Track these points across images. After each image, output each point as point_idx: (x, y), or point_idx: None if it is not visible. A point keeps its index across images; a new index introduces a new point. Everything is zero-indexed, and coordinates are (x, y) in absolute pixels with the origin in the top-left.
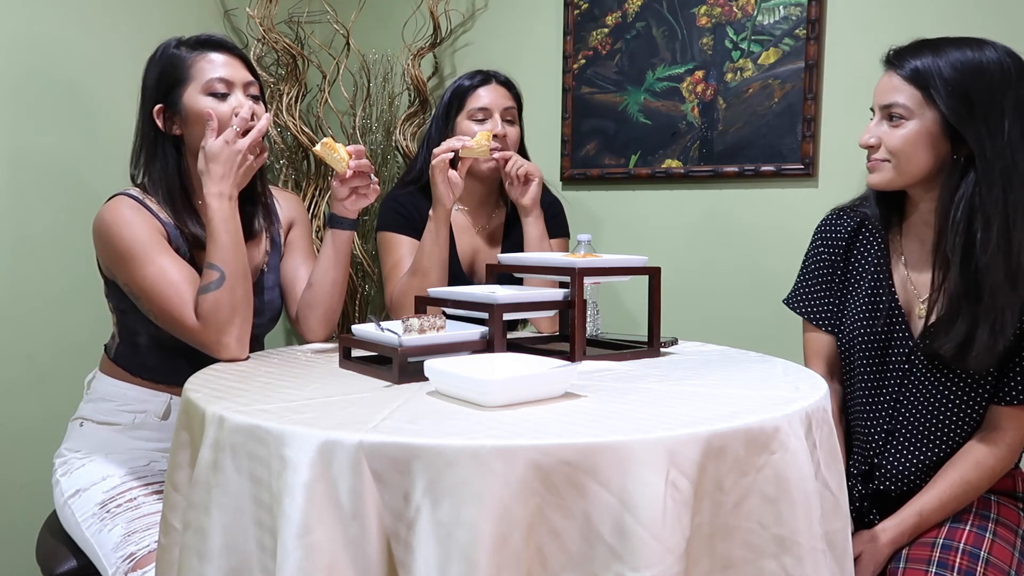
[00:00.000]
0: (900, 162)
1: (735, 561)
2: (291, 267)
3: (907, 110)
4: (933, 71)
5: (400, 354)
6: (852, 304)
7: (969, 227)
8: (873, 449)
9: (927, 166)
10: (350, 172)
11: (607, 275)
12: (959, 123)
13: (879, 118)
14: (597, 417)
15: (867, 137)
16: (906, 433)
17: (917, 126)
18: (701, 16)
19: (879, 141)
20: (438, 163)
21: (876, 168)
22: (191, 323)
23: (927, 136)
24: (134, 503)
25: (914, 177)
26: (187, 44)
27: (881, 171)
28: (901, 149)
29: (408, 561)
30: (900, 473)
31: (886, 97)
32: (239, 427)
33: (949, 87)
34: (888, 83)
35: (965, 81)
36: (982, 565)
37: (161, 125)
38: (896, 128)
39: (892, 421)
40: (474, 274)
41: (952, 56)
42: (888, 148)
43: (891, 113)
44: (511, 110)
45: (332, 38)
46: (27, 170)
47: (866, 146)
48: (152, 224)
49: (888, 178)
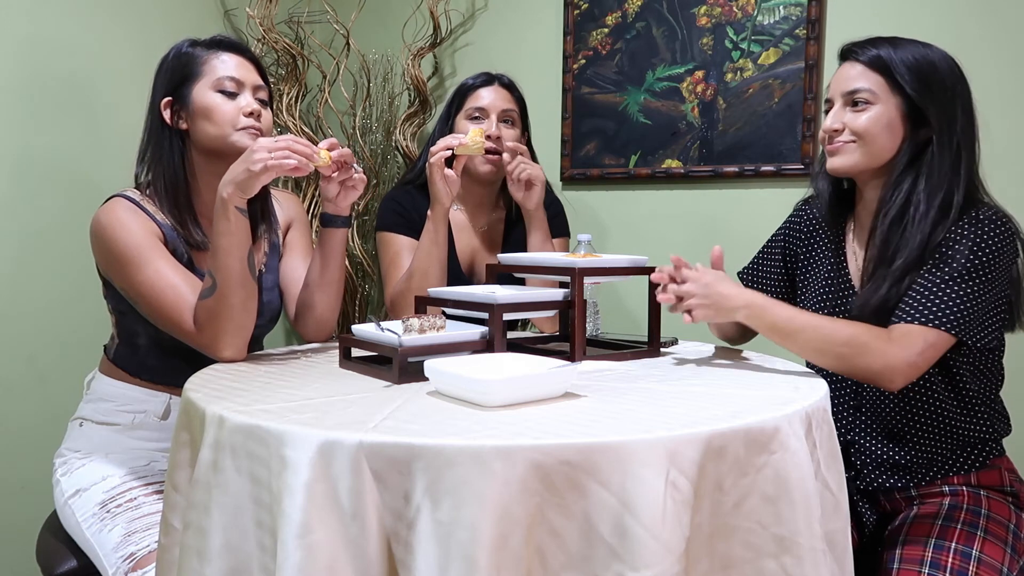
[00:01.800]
0: (867, 143)
1: (735, 561)
2: (290, 267)
3: (872, 94)
4: (895, 59)
5: (400, 354)
6: (811, 288)
7: (908, 200)
8: (844, 427)
9: (891, 148)
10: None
11: (607, 275)
12: (922, 103)
13: (840, 105)
14: (597, 417)
15: (831, 122)
16: (871, 407)
17: (882, 110)
18: (701, 16)
19: (844, 126)
20: (435, 161)
21: (841, 151)
22: (187, 327)
23: (891, 119)
24: (134, 503)
25: (878, 159)
26: (202, 44)
27: (846, 153)
28: (867, 130)
29: (408, 561)
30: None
31: (849, 84)
32: (239, 427)
33: (912, 72)
34: (850, 71)
35: (923, 69)
36: (974, 564)
37: (168, 119)
38: (861, 112)
39: (857, 397)
40: (474, 274)
41: (908, 49)
42: (854, 131)
43: (855, 99)
44: (510, 112)
45: (332, 38)
46: (28, 170)
47: (830, 131)
48: (148, 227)
49: (854, 159)
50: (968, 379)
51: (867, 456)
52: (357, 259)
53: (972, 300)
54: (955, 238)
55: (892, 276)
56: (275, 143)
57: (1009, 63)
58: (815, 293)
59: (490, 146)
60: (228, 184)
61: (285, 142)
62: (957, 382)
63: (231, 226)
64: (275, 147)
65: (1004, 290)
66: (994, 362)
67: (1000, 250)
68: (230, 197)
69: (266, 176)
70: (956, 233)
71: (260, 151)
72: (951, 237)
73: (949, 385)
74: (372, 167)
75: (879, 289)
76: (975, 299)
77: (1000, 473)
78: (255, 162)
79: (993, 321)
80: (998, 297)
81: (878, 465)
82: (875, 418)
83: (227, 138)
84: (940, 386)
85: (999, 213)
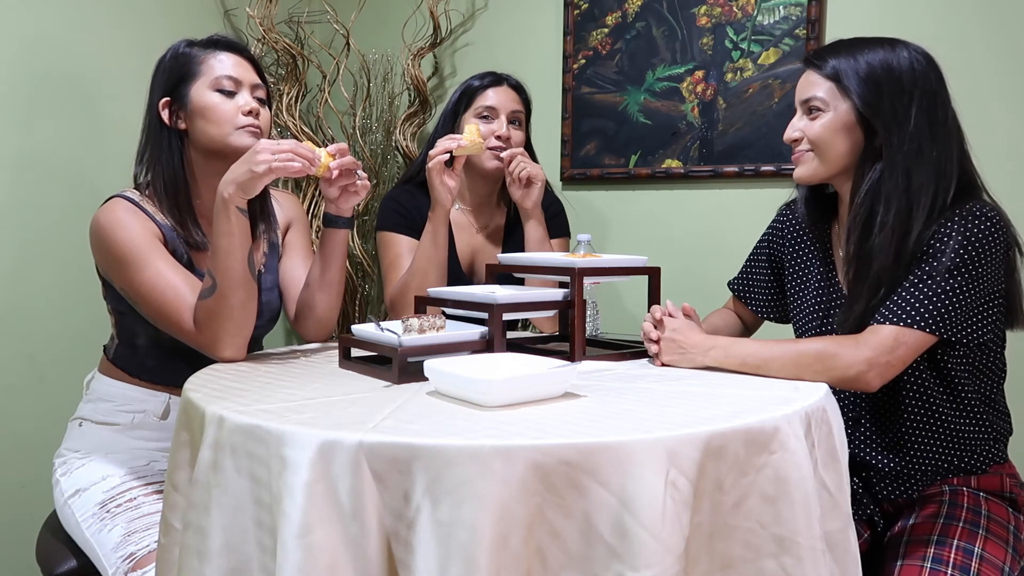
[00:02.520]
0: (821, 151)
1: (734, 561)
2: (290, 268)
3: (824, 102)
4: (847, 65)
5: (400, 354)
6: (803, 299)
7: (871, 210)
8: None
9: (845, 154)
10: (334, 173)
11: (607, 275)
12: (868, 112)
13: (800, 114)
14: (597, 417)
15: (790, 131)
16: (871, 420)
17: (833, 116)
18: (701, 16)
19: (802, 134)
20: (434, 164)
21: (800, 160)
22: (187, 327)
23: (843, 125)
24: (134, 503)
25: (836, 166)
26: (199, 44)
27: (805, 163)
28: (820, 137)
29: (408, 561)
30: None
31: (805, 92)
32: (239, 427)
33: (860, 78)
34: (807, 80)
35: (876, 74)
36: (976, 560)
37: (166, 119)
38: (815, 120)
39: (855, 410)
40: (474, 274)
41: (866, 54)
42: (809, 139)
43: (810, 107)
44: (518, 113)
45: (332, 38)
46: (28, 170)
47: (790, 140)
48: (148, 227)
49: (812, 168)
50: (965, 378)
51: (870, 469)
52: (357, 259)
53: (956, 296)
54: (941, 235)
55: (869, 289)
56: (278, 145)
57: (1009, 63)
58: (808, 305)
59: (499, 145)
60: (229, 184)
61: (289, 144)
62: (952, 381)
63: (231, 226)
64: (279, 149)
65: (997, 284)
66: (992, 358)
67: (988, 244)
68: (231, 197)
69: (269, 177)
70: (942, 229)
71: (263, 152)
72: (938, 234)
73: (945, 386)
74: (372, 167)
75: (857, 302)
76: (960, 295)
77: (1001, 479)
78: (258, 163)
79: (983, 316)
80: (989, 292)
81: (882, 478)
82: (875, 430)
83: (226, 137)
84: (936, 389)
85: (987, 207)
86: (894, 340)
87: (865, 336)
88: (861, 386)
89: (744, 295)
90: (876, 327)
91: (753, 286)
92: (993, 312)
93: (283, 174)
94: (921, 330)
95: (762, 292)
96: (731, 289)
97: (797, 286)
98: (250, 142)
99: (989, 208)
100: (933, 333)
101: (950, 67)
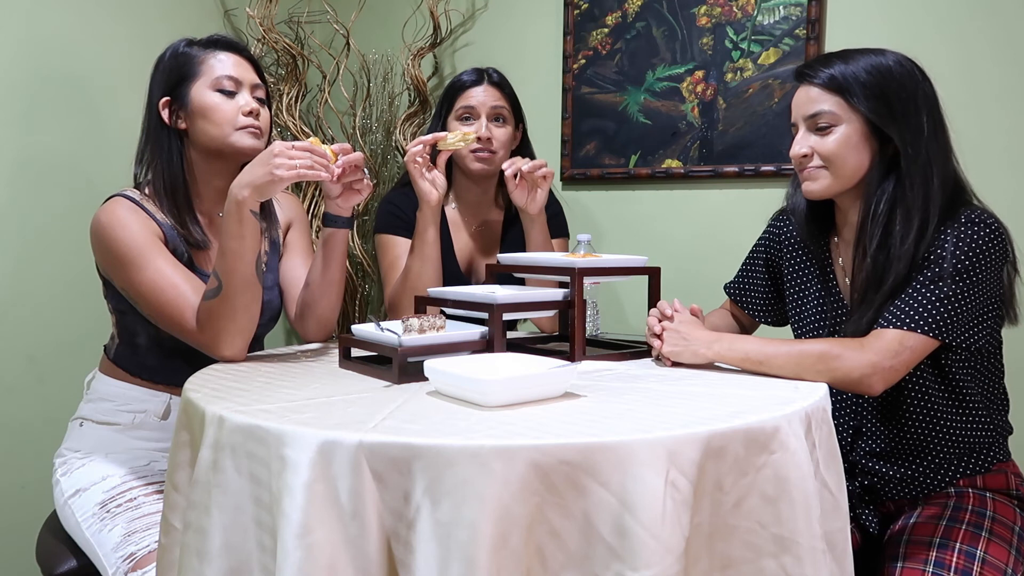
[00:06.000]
0: (836, 167)
1: (734, 561)
2: (290, 267)
3: (833, 116)
4: (848, 77)
5: (400, 354)
6: (804, 309)
7: (889, 219)
8: (847, 449)
9: (862, 167)
10: (338, 170)
11: (607, 275)
12: (882, 123)
13: (804, 130)
14: (597, 417)
15: (799, 148)
16: (872, 427)
17: (847, 130)
18: (701, 16)
19: (812, 151)
20: (410, 159)
21: (813, 176)
22: (188, 326)
23: (857, 138)
24: (134, 503)
25: (851, 180)
26: (199, 44)
27: (818, 179)
28: (835, 153)
29: (408, 561)
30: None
31: (809, 108)
32: (239, 427)
33: (866, 90)
34: (807, 95)
35: (879, 83)
36: (979, 564)
37: (166, 118)
38: (826, 135)
39: (857, 418)
40: (472, 274)
41: (861, 62)
42: (822, 155)
43: (817, 123)
44: (500, 109)
45: (332, 38)
46: (28, 170)
47: (799, 157)
48: (149, 226)
49: (826, 184)
50: (967, 382)
51: (874, 476)
52: (357, 259)
53: (957, 302)
54: (941, 242)
55: (883, 296)
56: (293, 148)
57: (1009, 63)
58: (809, 313)
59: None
60: (245, 186)
61: (304, 145)
62: (954, 385)
63: (243, 229)
64: (298, 154)
65: (996, 290)
66: (991, 360)
67: (987, 250)
68: (246, 200)
69: (289, 182)
70: (941, 237)
71: (282, 156)
72: (940, 240)
73: (948, 390)
74: (372, 167)
75: (870, 311)
76: (960, 301)
77: (1007, 477)
78: (279, 166)
79: (982, 322)
80: (988, 297)
81: (886, 483)
82: (877, 438)
83: (226, 138)
84: (939, 393)
85: (984, 213)
86: (899, 344)
87: (869, 340)
88: (864, 389)
89: (741, 300)
90: (880, 331)
91: (749, 291)
92: (991, 317)
93: (307, 179)
94: (925, 334)
95: (759, 297)
96: (727, 293)
97: (796, 295)
98: (250, 142)
99: (988, 215)
100: (936, 338)
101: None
